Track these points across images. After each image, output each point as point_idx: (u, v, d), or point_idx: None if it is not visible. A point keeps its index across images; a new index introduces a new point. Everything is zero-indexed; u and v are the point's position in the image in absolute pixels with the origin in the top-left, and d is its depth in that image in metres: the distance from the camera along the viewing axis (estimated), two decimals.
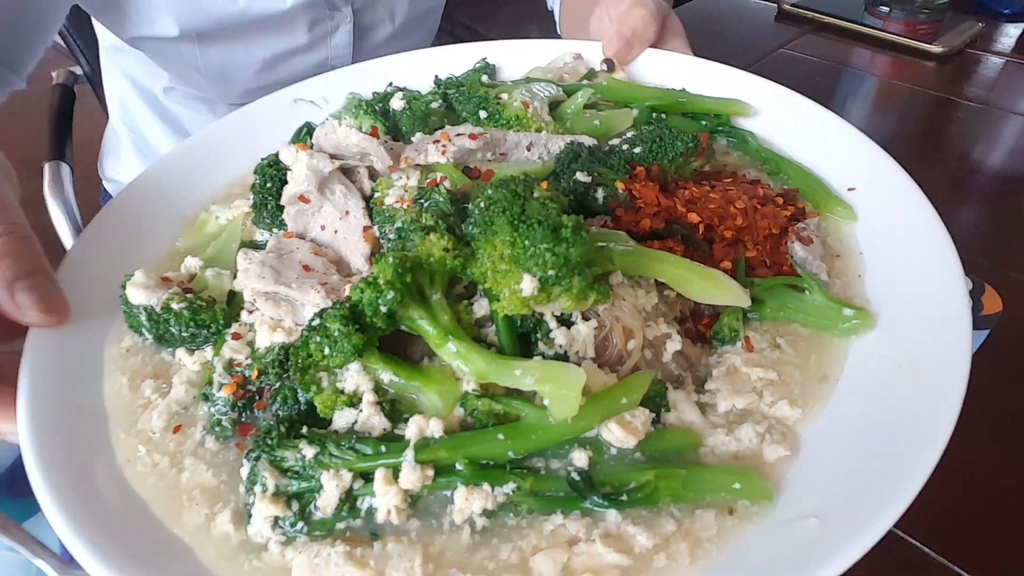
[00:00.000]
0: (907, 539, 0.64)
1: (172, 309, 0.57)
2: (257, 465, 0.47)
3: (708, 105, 0.78)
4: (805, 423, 0.51)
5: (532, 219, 0.47)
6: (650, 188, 0.60)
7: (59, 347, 0.58)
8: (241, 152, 0.82)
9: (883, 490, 0.42)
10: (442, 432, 0.47)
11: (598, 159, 0.64)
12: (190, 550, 0.46)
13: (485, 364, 0.48)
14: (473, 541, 0.46)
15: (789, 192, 0.68)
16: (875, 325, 0.55)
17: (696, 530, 0.45)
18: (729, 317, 0.56)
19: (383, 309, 0.48)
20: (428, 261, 0.50)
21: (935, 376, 0.48)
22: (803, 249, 0.61)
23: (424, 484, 0.46)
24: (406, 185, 0.60)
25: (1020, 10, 1.67)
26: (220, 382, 0.54)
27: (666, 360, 0.54)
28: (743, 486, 0.45)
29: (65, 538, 0.44)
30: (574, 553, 0.44)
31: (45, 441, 0.51)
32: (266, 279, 0.56)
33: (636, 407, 0.49)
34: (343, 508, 0.46)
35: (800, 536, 0.42)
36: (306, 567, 0.44)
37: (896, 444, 0.45)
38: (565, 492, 0.46)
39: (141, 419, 0.55)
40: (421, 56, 0.94)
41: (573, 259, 0.47)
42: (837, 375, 0.54)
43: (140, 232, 0.71)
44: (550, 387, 0.46)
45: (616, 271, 0.53)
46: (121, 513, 0.48)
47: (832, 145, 0.72)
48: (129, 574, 0.42)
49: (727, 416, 0.52)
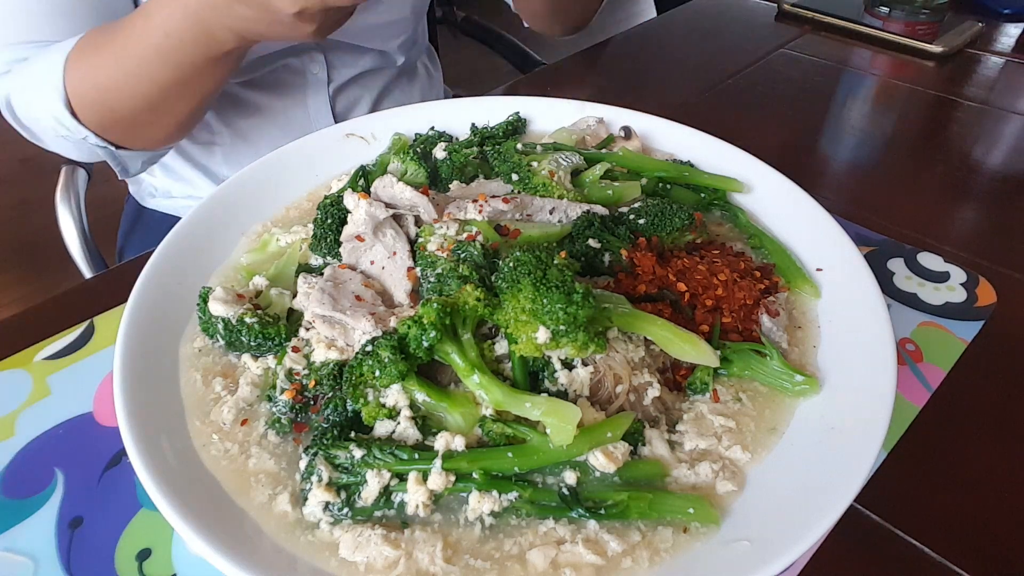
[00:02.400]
0: (907, 539, 0.64)
1: (245, 322, 0.69)
2: (315, 460, 0.59)
3: (708, 180, 0.90)
4: (753, 465, 0.62)
5: (552, 283, 0.59)
6: (648, 258, 0.72)
7: (144, 343, 0.69)
8: (300, 177, 0.94)
9: (800, 526, 0.54)
10: (463, 447, 0.59)
11: (607, 227, 0.76)
12: (256, 523, 0.58)
13: (502, 395, 0.60)
14: (483, 535, 0.57)
15: (767, 267, 0.80)
16: (820, 390, 0.66)
17: (656, 542, 0.56)
18: (702, 371, 0.68)
19: (425, 344, 0.59)
20: (463, 307, 0.61)
21: (857, 439, 0.60)
22: (770, 320, 0.73)
23: (446, 487, 0.58)
24: (446, 234, 0.72)
25: (1020, 10, 1.65)
26: (282, 387, 0.66)
27: (646, 403, 0.65)
28: (696, 511, 0.57)
29: (160, 504, 0.55)
30: (561, 551, 0.55)
31: (138, 424, 0.61)
32: (325, 305, 0.68)
33: (618, 440, 0.61)
34: (380, 500, 0.58)
35: (734, 554, 0.54)
36: (351, 543, 0.55)
37: (818, 490, 0.57)
38: (556, 503, 0.58)
39: (213, 411, 0.66)
40: (459, 104, 1.06)
41: (580, 319, 0.59)
42: (784, 429, 0.65)
43: (211, 244, 0.82)
44: (552, 420, 0.58)
45: (613, 327, 0.65)
46: (199, 488, 0.59)
47: (808, 227, 0.84)
48: (214, 537, 0.53)
49: (691, 454, 0.63)
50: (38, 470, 0.68)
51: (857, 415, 0.62)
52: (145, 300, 0.72)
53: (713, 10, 1.75)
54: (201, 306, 0.71)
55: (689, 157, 0.96)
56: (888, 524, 0.66)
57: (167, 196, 1.38)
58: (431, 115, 1.03)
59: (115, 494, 0.67)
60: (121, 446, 0.61)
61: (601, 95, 0.85)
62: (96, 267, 1.34)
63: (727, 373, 0.69)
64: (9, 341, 0.81)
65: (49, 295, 0.89)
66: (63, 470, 0.68)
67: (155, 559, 0.62)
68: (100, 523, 0.64)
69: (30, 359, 0.79)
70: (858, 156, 1.24)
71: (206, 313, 0.70)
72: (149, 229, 1.38)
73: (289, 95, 1.26)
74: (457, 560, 0.55)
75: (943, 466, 0.71)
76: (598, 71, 1.44)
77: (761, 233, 0.85)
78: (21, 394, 0.75)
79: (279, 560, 0.54)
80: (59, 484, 0.67)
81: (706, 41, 1.57)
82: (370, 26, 1.27)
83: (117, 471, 0.69)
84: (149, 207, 1.41)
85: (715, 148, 0.96)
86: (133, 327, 0.69)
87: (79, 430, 0.72)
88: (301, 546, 0.56)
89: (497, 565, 0.55)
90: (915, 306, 0.88)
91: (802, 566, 0.62)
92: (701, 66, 1.50)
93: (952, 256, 0.95)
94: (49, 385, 0.76)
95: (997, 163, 1.21)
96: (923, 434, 0.73)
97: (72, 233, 1.32)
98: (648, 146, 0.99)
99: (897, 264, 0.94)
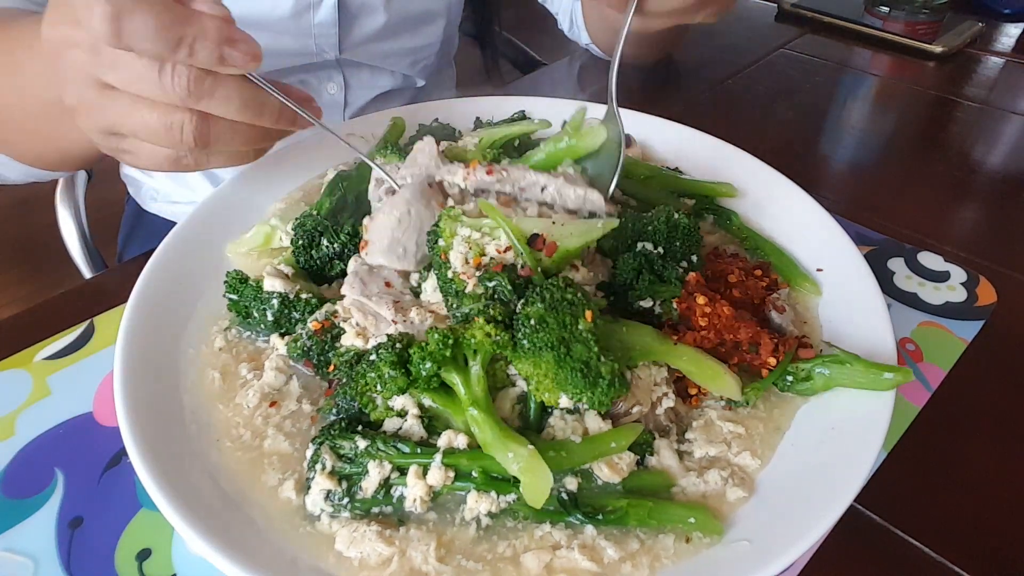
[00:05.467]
0: (907, 539, 0.64)
1: (302, 298, 0.71)
2: (320, 448, 0.60)
3: (700, 187, 0.90)
4: (762, 471, 0.62)
5: (576, 363, 0.57)
6: (714, 309, 0.67)
7: (145, 343, 0.68)
8: (300, 176, 0.94)
9: (800, 526, 0.54)
10: (465, 446, 0.59)
11: (655, 269, 0.71)
12: (261, 510, 0.59)
13: (491, 438, 0.57)
14: (477, 536, 0.57)
15: (764, 264, 0.80)
16: (912, 378, 0.64)
17: (657, 549, 0.56)
18: (752, 390, 0.66)
19: (423, 373, 0.59)
20: (469, 340, 0.59)
21: (857, 439, 0.60)
22: (779, 316, 0.73)
23: (445, 484, 0.58)
24: (470, 240, 0.65)
25: (1020, 10, 1.65)
26: (313, 319, 0.69)
27: (659, 413, 0.65)
28: (697, 520, 0.57)
29: (160, 504, 0.55)
30: (556, 556, 0.55)
31: (138, 424, 0.60)
32: (355, 288, 0.69)
33: (624, 451, 0.60)
34: (380, 491, 0.59)
35: (734, 554, 0.54)
36: (347, 538, 0.56)
37: (818, 490, 0.57)
38: (554, 507, 0.58)
39: (238, 395, 0.67)
40: (460, 104, 1.06)
41: (602, 401, 0.58)
42: (786, 428, 0.65)
43: (211, 244, 0.82)
44: (526, 479, 0.56)
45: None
46: (199, 488, 0.59)
47: (808, 227, 0.84)
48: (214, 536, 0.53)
49: (700, 462, 0.63)
50: (38, 470, 0.68)
51: (857, 415, 0.63)
52: (145, 300, 0.72)
53: None
54: (236, 286, 0.72)
55: (688, 157, 0.95)
56: (888, 524, 0.66)
57: (169, 201, 1.35)
58: (432, 115, 1.03)
59: (115, 494, 0.67)
60: (121, 446, 0.61)
61: (601, 95, 0.85)
62: (96, 267, 1.34)
63: (811, 391, 0.66)
64: (9, 341, 0.81)
65: (49, 295, 0.89)
66: (63, 470, 0.68)
67: (155, 559, 0.62)
68: (100, 523, 0.64)
69: (30, 359, 0.79)
70: (858, 156, 1.24)
71: (244, 292, 0.72)
72: (149, 234, 1.36)
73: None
74: (450, 560, 0.55)
75: (943, 466, 0.71)
76: (598, 71, 1.44)
77: (755, 234, 0.85)
78: (21, 394, 0.75)
79: (278, 560, 0.55)
80: (59, 484, 0.67)
81: (706, 41, 1.57)
82: (396, 51, 1.24)
83: (117, 471, 0.68)
84: (150, 211, 1.39)
85: (715, 148, 0.96)
86: (133, 327, 0.69)
87: (79, 430, 0.72)
88: (300, 537, 0.57)
89: (490, 567, 0.55)
90: (915, 306, 0.88)
91: (802, 566, 0.62)
92: (701, 66, 1.50)
93: (952, 256, 0.95)
94: (49, 385, 0.76)
95: (997, 163, 1.21)
96: (923, 434, 0.73)
97: (72, 233, 1.32)
98: (648, 147, 1.00)
99: (897, 264, 0.94)
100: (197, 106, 0.61)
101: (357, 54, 1.20)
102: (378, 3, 1.15)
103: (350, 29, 1.15)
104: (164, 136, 0.62)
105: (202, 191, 1.30)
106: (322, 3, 1.09)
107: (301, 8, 1.08)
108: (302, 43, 1.12)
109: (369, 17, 1.16)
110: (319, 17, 1.11)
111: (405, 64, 1.28)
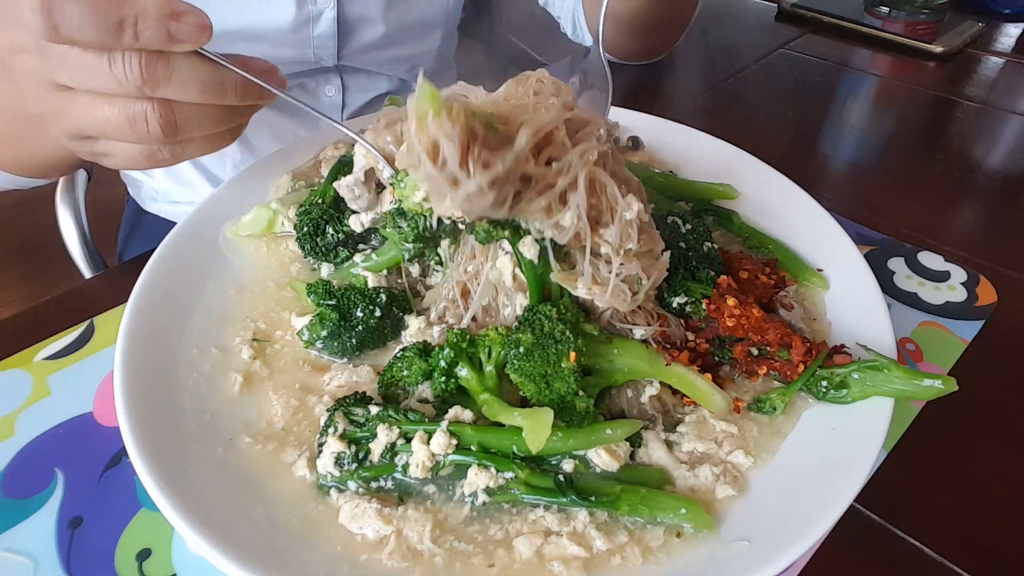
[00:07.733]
0: (907, 539, 0.65)
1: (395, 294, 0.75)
2: (334, 415, 0.62)
3: (701, 190, 0.90)
4: (756, 470, 0.62)
5: (554, 397, 0.62)
6: (754, 312, 0.68)
7: (145, 343, 0.68)
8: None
9: (800, 526, 0.54)
10: (471, 420, 0.62)
11: (690, 269, 0.72)
12: (274, 498, 0.59)
13: (498, 409, 0.62)
14: (469, 516, 0.59)
15: (771, 261, 0.80)
16: (957, 388, 0.60)
17: (647, 540, 0.57)
18: (777, 395, 0.66)
19: (441, 382, 0.65)
20: (483, 341, 0.64)
21: (857, 439, 0.60)
22: (787, 314, 0.73)
23: (447, 452, 0.60)
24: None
25: (1020, 10, 1.66)
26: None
27: (643, 401, 0.65)
28: (688, 511, 0.57)
29: (160, 504, 0.55)
30: (547, 541, 0.56)
31: (138, 424, 0.60)
32: None
33: (620, 440, 0.61)
34: (386, 455, 0.61)
35: (733, 554, 0.54)
36: (349, 513, 0.58)
37: (818, 490, 0.57)
38: (551, 487, 0.59)
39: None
40: None
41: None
42: (789, 431, 0.65)
43: (212, 244, 0.81)
44: (528, 423, 0.59)
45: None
46: (199, 488, 0.58)
47: (808, 227, 0.84)
48: (214, 536, 0.53)
49: (689, 455, 0.63)
50: (38, 470, 0.68)
51: (857, 415, 0.63)
52: (145, 300, 0.72)
53: (713, 10, 1.75)
54: (320, 294, 0.72)
55: (688, 158, 0.95)
56: (888, 524, 0.66)
57: (169, 200, 1.35)
58: None
59: (115, 494, 0.66)
60: (121, 446, 0.61)
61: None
62: (96, 267, 1.34)
63: (847, 399, 0.64)
64: (9, 341, 0.81)
65: (49, 295, 0.89)
66: (63, 470, 0.68)
67: (155, 559, 0.62)
68: (100, 523, 0.64)
69: (30, 359, 0.79)
70: (858, 156, 1.24)
71: (332, 297, 0.72)
72: (149, 235, 1.35)
73: (301, 115, 1.24)
74: (443, 541, 0.57)
75: (943, 466, 0.71)
76: None
77: (757, 232, 0.85)
78: (21, 394, 0.75)
79: (279, 560, 0.54)
80: (59, 484, 0.67)
81: (706, 41, 1.57)
82: (394, 58, 1.24)
83: (117, 471, 0.68)
84: (150, 211, 1.39)
85: (715, 148, 0.96)
86: (133, 327, 0.69)
87: (79, 430, 0.72)
88: (307, 518, 0.58)
89: (481, 549, 0.56)
90: (915, 305, 0.88)
91: (802, 566, 0.62)
92: (701, 66, 1.50)
93: (952, 255, 0.95)
94: (49, 385, 0.76)
95: (997, 163, 1.22)
96: (923, 434, 0.73)
97: (72, 233, 1.31)
98: (648, 148, 0.99)
99: (897, 263, 0.94)
100: (155, 94, 0.58)
101: (355, 61, 1.20)
102: (376, 15, 1.15)
103: (349, 40, 1.16)
104: (129, 131, 0.60)
105: (202, 191, 1.30)
106: (322, 16, 1.10)
107: (301, 22, 1.08)
108: (301, 53, 1.12)
109: (367, 28, 1.17)
110: (318, 30, 1.11)
111: (403, 70, 1.29)
